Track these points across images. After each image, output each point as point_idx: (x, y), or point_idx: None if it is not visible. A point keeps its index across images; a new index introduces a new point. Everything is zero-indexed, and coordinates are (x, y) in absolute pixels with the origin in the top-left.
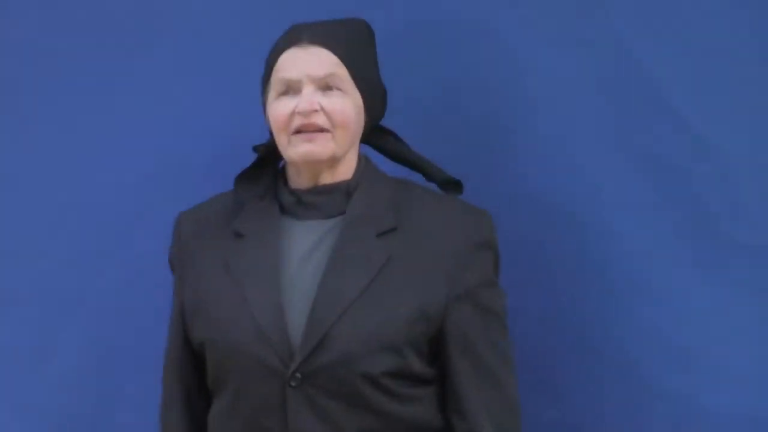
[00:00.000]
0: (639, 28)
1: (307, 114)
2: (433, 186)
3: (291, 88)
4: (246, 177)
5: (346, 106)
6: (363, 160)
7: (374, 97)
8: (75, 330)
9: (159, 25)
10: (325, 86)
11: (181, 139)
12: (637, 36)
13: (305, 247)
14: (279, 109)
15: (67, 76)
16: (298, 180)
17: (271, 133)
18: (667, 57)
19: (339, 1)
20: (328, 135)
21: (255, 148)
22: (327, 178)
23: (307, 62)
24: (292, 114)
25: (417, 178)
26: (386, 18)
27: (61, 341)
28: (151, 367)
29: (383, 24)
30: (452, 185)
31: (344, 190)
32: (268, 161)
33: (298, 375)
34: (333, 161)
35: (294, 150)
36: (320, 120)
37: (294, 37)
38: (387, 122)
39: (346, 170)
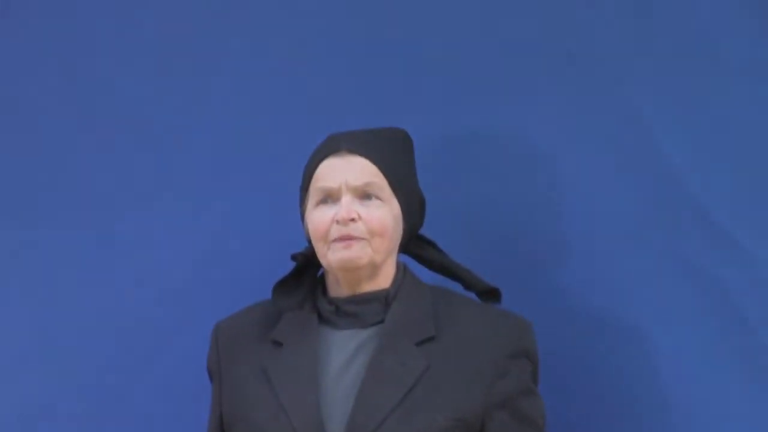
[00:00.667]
0: (678, 136)
1: (345, 223)
2: (471, 295)
3: (330, 197)
4: (284, 286)
5: (384, 214)
6: (401, 269)
7: (412, 205)
8: None
9: (198, 127)
10: (364, 195)
11: (220, 247)
12: (676, 144)
13: (344, 356)
14: (318, 217)
15: (99, 182)
16: (337, 289)
17: (309, 242)
18: (701, 163)
19: (377, 110)
20: (366, 243)
21: (293, 257)
22: (366, 287)
23: (346, 171)
24: (332, 222)
25: (455, 287)
26: (424, 127)
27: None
28: None
29: (421, 133)
30: (491, 294)
31: (383, 299)
32: (306, 270)
33: None
34: (371, 269)
35: (333, 256)
36: (358, 230)
37: (332, 146)
38: (426, 231)
39: (384, 279)
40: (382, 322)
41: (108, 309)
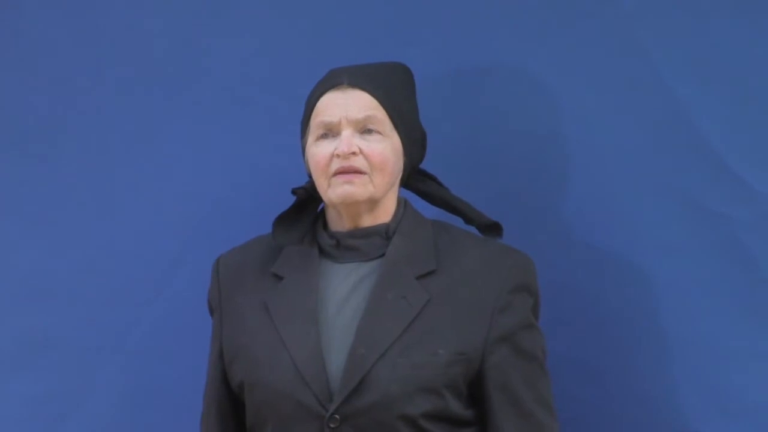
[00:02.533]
0: (680, 71)
1: (346, 156)
2: (473, 229)
3: (330, 131)
4: (285, 220)
5: (385, 148)
6: (402, 204)
7: (413, 139)
8: (113, 373)
9: (198, 67)
10: (364, 129)
11: (220, 182)
12: (678, 79)
13: (344, 289)
14: (318, 152)
15: (104, 120)
16: (338, 223)
17: (310, 176)
18: (711, 102)
19: (378, 45)
20: (366, 177)
21: (294, 191)
22: (366, 221)
23: (346, 105)
24: (332, 157)
25: (457, 221)
26: (426, 61)
27: (98, 385)
28: (190, 409)
29: (423, 67)
30: (492, 229)
31: (383, 233)
32: (307, 204)
33: (337, 417)
34: (372, 203)
35: (333, 191)
36: (359, 163)
37: (333, 80)
38: (427, 166)
39: (385, 213)
40: (383, 256)
41: (109, 244)
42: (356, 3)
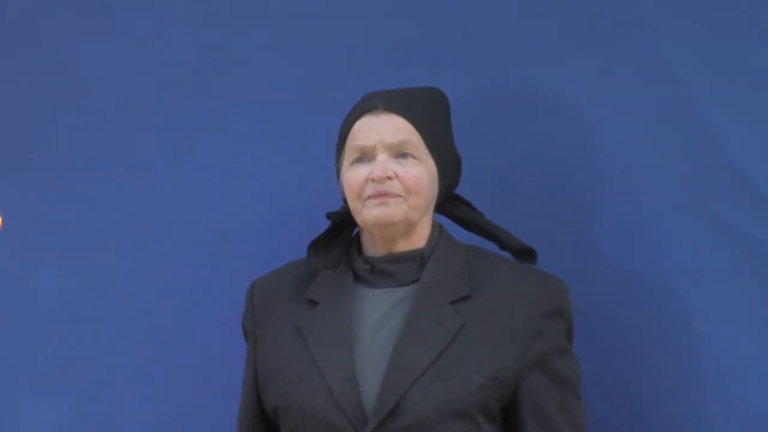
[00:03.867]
0: (711, 94)
1: (381, 180)
2: (507, 254)
3: (365, 155)
4: (319, 245)
5: (420, 173)
6: (437, 228)
7: (448, 164)
8: (143, 397)
9: (230, 90)
10: (399, 153)
11: (254, 207)
12: (709, 102)
13: (379, 314)
14: (353, 176)
15: (135, 144)
16: (373, 247)
17: (345, 201)
18: (743, 128)
19: (412, 69)
20: (401, 199)
21: (329, 216)
22: (401, 246)
23: (382, 129)
24: (366, 180)
25: (491, 246)
26: (459, 87)
27: (128, 409)
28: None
29: (457, 92)
30: (526, 254)
31: (418, 258)
32: (341, 229)
33: None
34: (406, 227)
35: (368, 213)
36: (394, 187)
37: (368, 104)
38: (461, 191)
39: (420, 238)
40: (417, 281)
41: (139, 268)
42: (389, 28)
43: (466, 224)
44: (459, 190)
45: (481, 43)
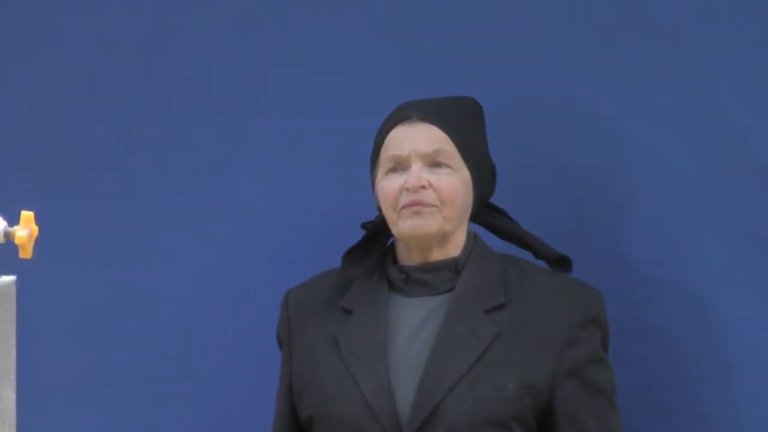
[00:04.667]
0: (744, 103)
1: (415, 190)
2: (542, 263)
3: (400, 165)
4: (354, 254)
5: (455, 182)
6: (472, 237)
7: (483, 173)
8: (180, 407)
9: (262, 101)
10: (434, 163)
11: (289, 216)
12: (742, 111)
13: (413, 323)
14: (388, 185)
15: (169, 155)
16: (408, 257)
17: (379, 210)
18: None
19: (450, 79)
20: (435, 209)
21: (363, 226)
22: (436, 255)
23: (416, 139)
24: (401, 190)
25: (526, 255)
26: (493, 96)
27: (164, 418)
28: None
29: (491, 101)
30: (561, 262)
31: (453, 267)
32: (376, 238)
33: None
34: (442, 237)
35: (404, 224)
36: (428, 196)
37: (402, 114)
38: (495, 200)
39: (455, 247)
40: (452, 290)
41: (176, 278)
42: (424, 39)
43: (500, 233)
44: (494, 200)
45: (515, 53)
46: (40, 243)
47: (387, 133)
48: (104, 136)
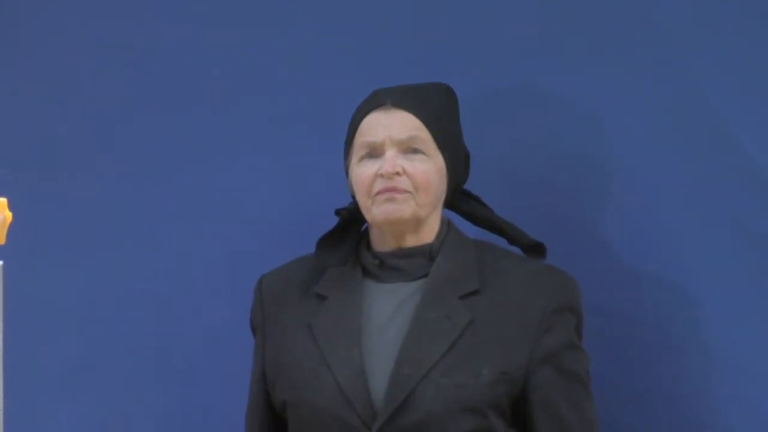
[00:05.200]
0: (727, 95)
1: (389, 176)
2: (516, 250)
3: (374, 151)
4: (328, 241)
5: (429, 169)
6: (446, 224)
7: (457, 160)
8: (156, 397)
9: (240, 90)
10: (408, 149)
11: (262, 203)
12: (728, 103)
13: (388, 309)
14: (362, 172)
15: (148, 144)
16: (382, 243)
17: (353, 197)
18: (758, 124)
19: (420, 66)
20: (410, 195)
21: (337, 212)
22: (410, 241)
23: (390, 125)
24: (375, 176)
25: (500, 242)
26: (467, 83)
27: (141, 409)
28: (233, 429)
29: (465, 89)
30: (536, 249)
31: (427, 253)
32: (350, 225)
33: None
34: (416, 223)
35: (377, 210)
36: (402, 183)
37: (377, 100)
38: (469, 186)
39: (428, 233)
40: (426, 276)
41: (150, 268)
42: (399, 26)
43: (475, 219)
44: (468, 186)
45: (491, 40)
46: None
47: (361, 119)
48: (83, 125)
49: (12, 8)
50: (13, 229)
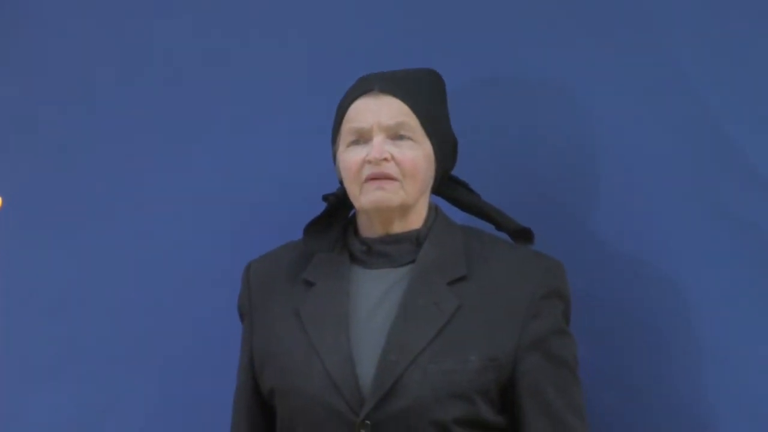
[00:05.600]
0: (710, 78)
1: (377, 163)
2: (503, 236)
3: (362, 137)
4: (316, 227)
5: (417, 155)
6: (434, 210)
7: (445, 146)
8: (142, 382)
9: (227, 73)
10: (396, 135)
11: (249, 189)
12: (711, 87)
13: (375, 295)
14: (350, 158)
15: (132, 127)
16: (369, 229)
17: (341, 183)
18: (741, 108)
19: (407, 52)
20: (398, 183)
21: (325, 198)
22: (398, 227)
23: (378, 111)
24: (363, 163)
25: (488, 228)
26: (455, 69)
27: (127, 394)
28: (220, 417)
29: (452, 74)
30: (523, 235)
31: (414, 239)
32: (337, 211)
33: (368, 422)
34: (403, 209)
35: (365, 197)
36: (390, 169)
37: (365, 86)
38: (457, 172)
39: (416, 219)
40: (413, 262)
41: (137, 253)
42: (386, 11)
43: (462, 206)
44: (456, 172)
45: (479, 26)
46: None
47: (349, 105)
48: (67, 111)
49: None
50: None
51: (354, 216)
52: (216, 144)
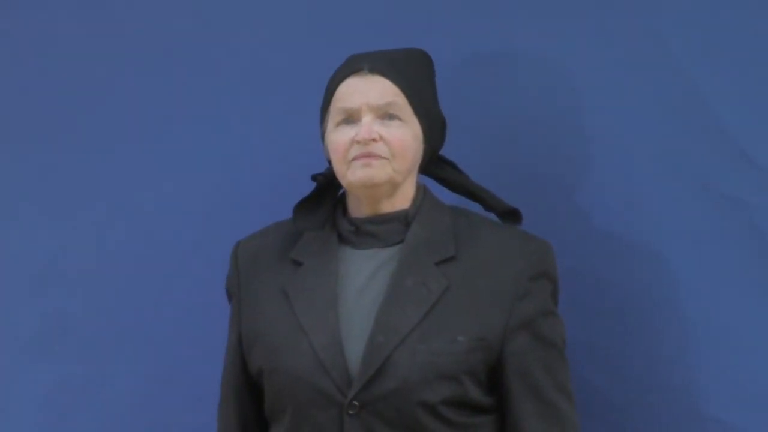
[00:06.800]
0: (699, 56)
1: (366, 142)
2: (492, 216)
3: (350, 117)
4: (304, 206)
5: (405, 135)
6: (422, 190)
7: (433, 126)
8: (131, 360)
9: (214, 54)
10: (385, 115)
11: (238, 169)
12: (698, 66)
13: (363, 275)
14: (338, 138)
15: (120, 109)
16: (358, 209)
17: (329, 162)
18: (728, 87)
19: (396, 31)
20: (386, 162)
21: (314, 178)
22: (386, 207)
23: (367, 91)
24: (352, 142)
25: (476, 208)
26: (444, 48)
27: (116, 372)
28: (208, 396)
29: (441, 54)
30: (511, 215)
31: (403, 219)
32: (326, 190)
33: (356, 403)
34: (392, 188)
35: (353, 175)
36: (379, 149)
37: (353, 66)
38: (445, 152)
39: (404, 199)
40: (402, 242)
41: (126, 231)
42: None
43: (450, 186)
44: (444, 152)
45: (468, 6)
46: None
47: (338, 85)
48: (55, 87)
49: None
50: None
51: (343, 196)
52: (200, 124)
